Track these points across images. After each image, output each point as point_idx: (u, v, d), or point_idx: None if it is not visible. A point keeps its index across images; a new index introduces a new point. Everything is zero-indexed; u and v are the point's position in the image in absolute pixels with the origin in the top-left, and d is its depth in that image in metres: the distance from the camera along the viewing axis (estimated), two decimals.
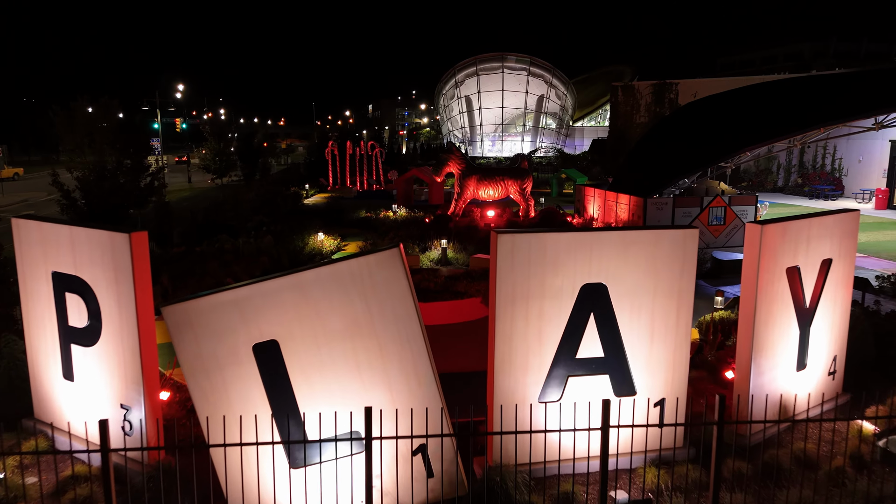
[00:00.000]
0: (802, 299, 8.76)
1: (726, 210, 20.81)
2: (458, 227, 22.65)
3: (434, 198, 32.30)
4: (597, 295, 7.59)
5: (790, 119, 19.69)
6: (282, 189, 34.09)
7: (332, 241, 21.30)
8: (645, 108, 44.70)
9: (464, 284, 13.13)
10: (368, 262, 6.60)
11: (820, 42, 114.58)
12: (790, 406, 8.90)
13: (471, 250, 19.73)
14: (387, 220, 25.49)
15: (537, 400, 7.51)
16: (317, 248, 19.89)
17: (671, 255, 7.70)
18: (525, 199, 24.50)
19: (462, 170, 24.30)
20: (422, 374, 6.77)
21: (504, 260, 7.25)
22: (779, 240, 8.24)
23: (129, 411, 7.69)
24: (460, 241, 20.47)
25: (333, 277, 6.60)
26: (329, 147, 42.63)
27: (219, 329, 6.54)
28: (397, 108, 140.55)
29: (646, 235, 7.67)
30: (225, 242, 16.95)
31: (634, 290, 7.68)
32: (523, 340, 7.40)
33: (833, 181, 35.34)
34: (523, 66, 66.27)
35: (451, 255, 19.14)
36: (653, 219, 21.31)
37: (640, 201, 21.58)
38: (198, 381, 6.61)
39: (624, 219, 22.50)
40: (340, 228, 25.31)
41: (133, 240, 7.27)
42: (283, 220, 25.27)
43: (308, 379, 6.67)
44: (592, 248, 7.49)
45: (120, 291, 7.47)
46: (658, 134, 26.56)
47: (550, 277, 7.43)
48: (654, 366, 7.82)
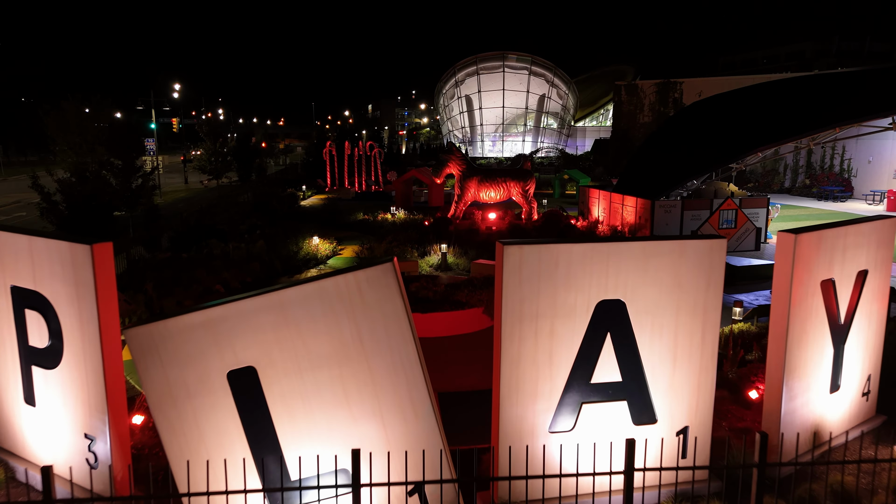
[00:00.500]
0: (837, 314, 7.99)
1: (737, 213, 20.04)
2: (459, 230, 21.88)
3: (434, 200, 31.55)
4: (614, 312, 6.82)
5: (804, 118, 18.92)
6: (278, 190, 33.31)
7: (328, 245, 20.53)
8: (649, 107, 43.92)
9: (465, 293, 12.38)
10: (358, 278, 5.82)
11: (822, 41, 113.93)
12: (824, 432, 8.13)
13: (472, 255, 18.95)
14: (385, 222, 24.73)
15: (548, 430, 6.74)
16: (311, 253, 19.11)
17: (696, 268, 6.93)
18: (528, 202, 23.72)
19: (462, 171, 23.52)
20: (419, 405, 5.99)
21: (511, 274, 6.47)
22: (814, 250, 7.47)
23: (93, 441, 6.91)
24: (461, 245, 19.71)
25: (318, 296, 5.83)
26: (327, 147, 41.86)
27: (189, 354, 5.78)
28: (397, 108, 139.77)
29: (668, 246, 6.89)
30: (214, 248, 16.18)
31: (656, 307, 6.91)
32: (532, 364, 6.63)
33: (842, 182, 34.56)
34: (524, 65, 65.43)
35: (451, 260, 18.36)
36: (661, 222, 20.55)
37: (647, 204, 20.80)
38: (165, 412, 5.84)
39: (630, 222, 21.73)
40: (337, 231, 24.55)
41: (95, 252, 6.50)
42: (277, 222, 24.52)
43: (290, 410, 5.90)
44: (609, 260, 6.71)
45: (82, 309, 6.70)
46: (664, 134, 25.78)
47: (563, 293, 6.65)
48: (677, 390, 7.05)
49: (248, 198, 29.63)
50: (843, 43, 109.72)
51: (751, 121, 20.67)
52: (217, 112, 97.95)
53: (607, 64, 77.40)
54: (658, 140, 25.51)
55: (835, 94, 20.08)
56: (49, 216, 15.00)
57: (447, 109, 71.39)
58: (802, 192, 36.19)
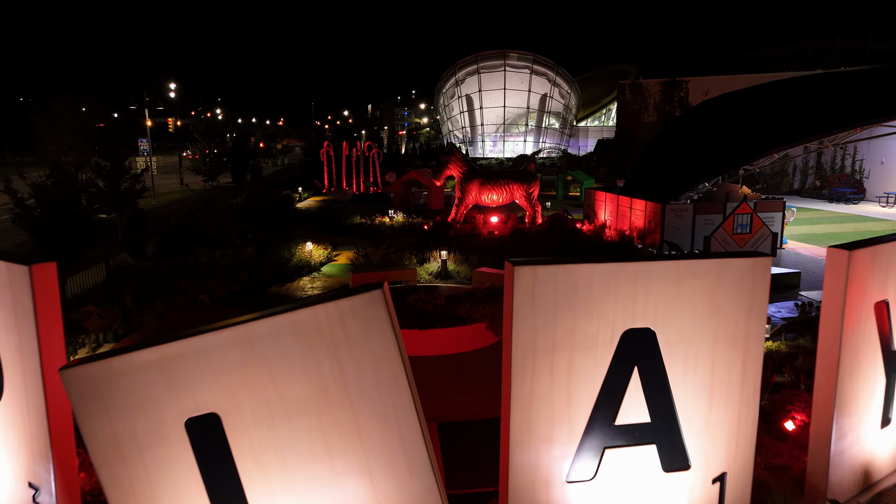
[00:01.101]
0: (890, 340, 7.05)
1: (752, 217, 19.06)
2: (460, 235, 20.92)
3: (433, 202, 30.51)
4: (642, 343, 5.87)
5: (824, 117, 17.97)
6: (272, 192, 32.35)
7: (322, 250, 19.58)
8: (654, 106, 42.94)
9: (467, 307, 11.44)
10: (341, 309, 4.86)
11: (825, 40, 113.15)
12: (874, 472, 7.19)
13: (473, 262, 18.01)
14: (382, 226, 23.76)
15: (564, 479, 5.80)
16: (304, 260, 18.15)
17: (737, 291, 5.97)
18: (532, 205, 22.75)
19: (463, 173, 22.55)
20: (414, 461, 5.04)
21: (523, 300, 5.51)
22: (868, 268, 6.53)
23: (38, 492, 5.96)
24: (461, 251, 18.75)
25: (293, 330, 4.87)
26: (324, 148, 40.90)
27: (139, 400, 4.83)
28: (397, 108, 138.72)
29: (705, 266, 5.93)
30: (200, 255, 15.23)
31: (690, 337, 5.96)
32: (547, 403, 5.68)
33: (854, 184, 33.59)
34: (526, 63, 64.39)
35: (451, 267, 17.40)
36: (671, 227, 19.59)
37: (657, 208, 19.84)
38: (111, 468, 4.90)
39: (639, 226, 20.76)
40: (332, 236, 23.59)
41: (35, 273, 5.55)
42: (271, 226, 23.56)
43: (261, 465, 4.95)
44: (637, 283, 5.75)
45: (22, 339, 5.76)
46: (672, 134, 24.83)
47: (583, 322, 5.70)
48: (714, 432, 6.10)
49: (240, 200, 28.67)
50: (846, 42, 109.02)
51: (766, 120, 19.71)
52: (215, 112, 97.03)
53: (609, 63, 76.42)
54: (666, 140, 24.55)
55: (856, 92, 19.12)
56: (21, 222, 14.05)
57: (447, 109, 70.33)
58: (812, 193, 35.23)
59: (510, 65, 64.30)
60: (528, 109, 65.48)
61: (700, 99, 42.26)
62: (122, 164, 27.24)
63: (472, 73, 65.48)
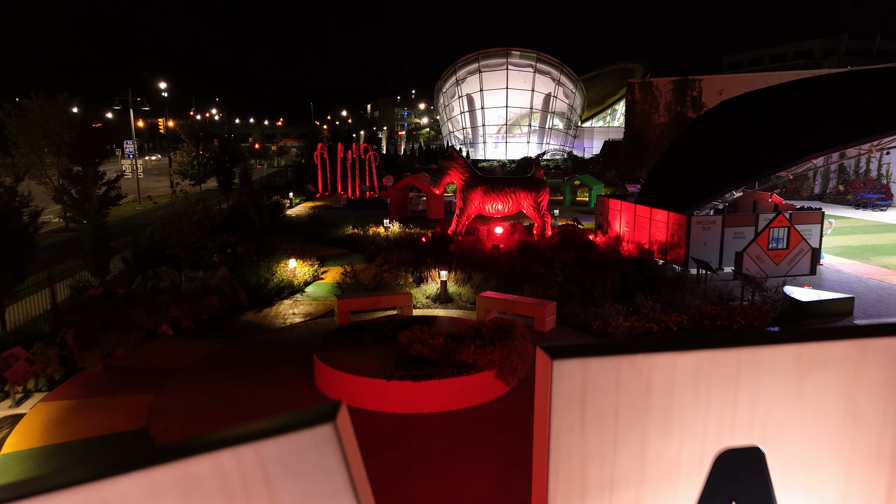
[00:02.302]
0: None
1: (790, 231, 17.05)
2: (461, 249, 18.91)
3: (432, 210, 28.33)
4: (745, 469, 3.77)
5: (873, 117, 15.94)
6: (260, 199, 30.31)
7: (308, 267, 17.57)
8: (665, 106, 40.91)
9: (471, 349, 9.39)
10: (263, 456, 2.76)
11: (832, 39, 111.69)
12: None
13: (476, 281, 16.02)
14: (376, 238, 21.73)
15: None
16: (286, 280, 16.14)
17: (885, 386, 3.88)
18: (541, 216, 20.69)
19: (465, 180, 20.52)
20: None
21: (566, 413, 3.39)
22: None
23: None
24: (463, 268, 16.77)
25: (184, 489, 2.77)
26: (318, 150, 38.92)
27: None
28: (396, 108, 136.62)
29: (840, 351, 3.83)
30: (163, 278, 13.23)
31: (815, 456, 3.84)
32: None
33: (881, 189, 31.55)
34: (529, 62, 62.27)
35: (452, 289, 15.40)
36: (697, 240, 17.57)
37: (681, 220, 17.82)
38: None
39: (661, 239, 18.75)
40: (322, 248, 21.61)
41: None
42: (254, 238, 21.56)
43: None
44: (740, 378, 3.63)
45: None
46: (693, 136, 22.80)
47: (658, 441, 3.58)
48: None
49: (223, 208, 26.67)
50: (853, 41, 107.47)
51: (803, 121, 17.69)
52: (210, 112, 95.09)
53: (614, 61, 74.40)
54: (686, 143, 22.53)
55: None
56: None
57: (447, 109, 68.23)
58: (836, 199, 33.18)
59: (513, 63, 62.20)
60: (532, 109, 63.38)
61: (714, 98, 40.30)
62: (96, 169, 25.26)
63: (474, 72, 63.39)
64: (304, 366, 10.68)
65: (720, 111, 23.43)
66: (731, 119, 21.59)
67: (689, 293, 14.36)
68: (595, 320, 12.99)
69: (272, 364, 11.10)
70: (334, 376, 9.45)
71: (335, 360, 9.79)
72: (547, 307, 12.86)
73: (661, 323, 12.92)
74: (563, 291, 14.73)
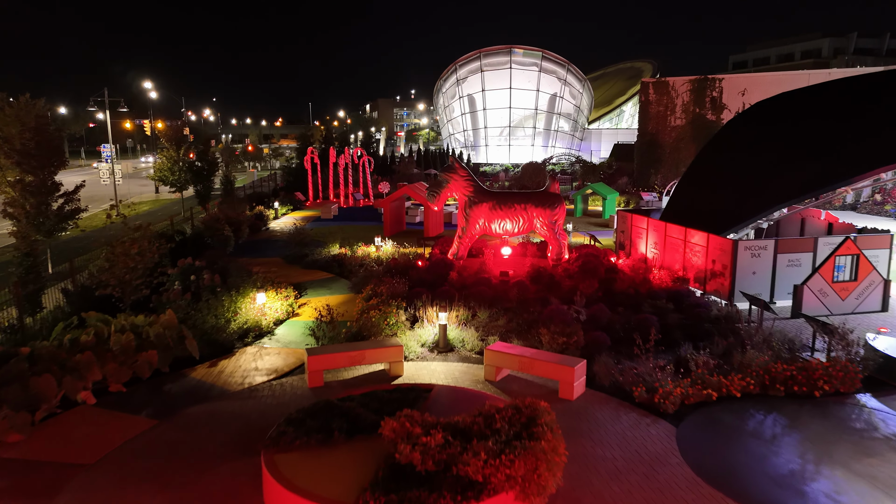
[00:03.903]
0: None
1: (858, 259, 14.21)
2: (463, 277, 16.07)
3: (431, 225, 25.10)
4: None
5: None
6: (242, 210, 27.44)
7: (283, 300, 14.74)
8: (682, 108, 37.99)
9: (481, 459, 6.49)
10: None
11: (840, 38, 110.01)
12: None
13: (482, 319, 13.23)
14: (366, 260, 18.86)
15: None
16: (253, 321, 13.29)
17: None
18: (557, 237, 17.75)
19: (469, 195, 17.61)
20: None
21: None
22: None
23: None
24: (466, 301, 13.95)
25: None
26: (308, 155, 36.04)
27: None
28: (396, 109, 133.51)
29: None
30: (88, 327, 10.38)
31: None
32: None
33: None
34: (534, 60, 59.14)
35: (453, 333, 12.55)
36: (745, 269, 14.73)
37: (725, 244, 14.98)
38: None
39: (698, 266, 15.91)
40: (302, 272, 18.77)
41: None
42: (224, 260, 18.68)
43: None
44: None
45: None
46: (727, 143, 19.94)
47: None
48: None
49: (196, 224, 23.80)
50: (861, 40, 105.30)
51: (861, 126, 14.85)
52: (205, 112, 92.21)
53: (622, 60, 71.38)
54: (720, 151, 19.67)
55: None
56: None
57: (447, 110, 65.11)
58: (872, 209, 30.30)
59: (517, 62, 59.10)
60: (537, 110, 60.24)
61: (736, 99, 37.43)
62: (52, 179, 22.38)
63: (475, 72, 60.32)
64: (255, 463, 7.87)
65: (756, 114, 20.54)
66: (771, 123, 18.73)
67: (748, 341, 11.56)
68: (635, 383, 10.16)
69: (213, 460, 8.25)
70: (288, 501, 6.61)
71: (291, 470, 6.97)
72: (575, 368, 10.03)
73: (721, 388, 10.12)
74: (589, 338, 11.91)
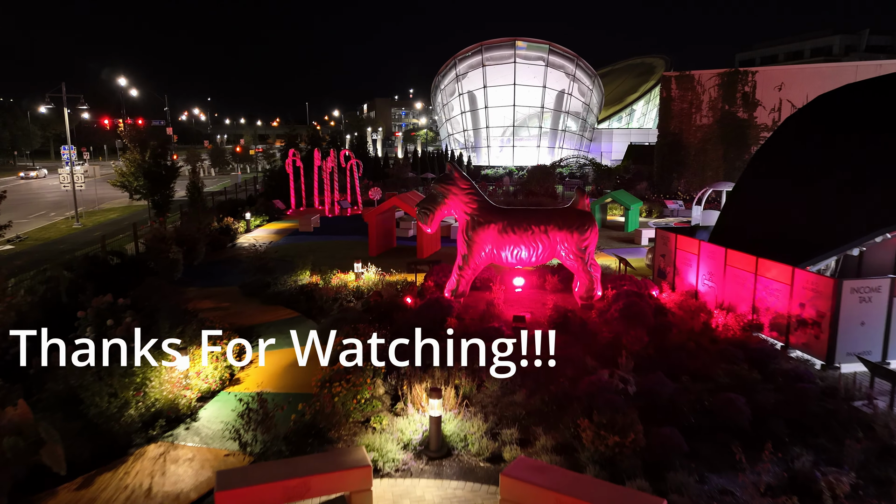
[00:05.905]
0: None
1: None
2: (465, 323, 12.09)
3: (425, 245, 20.80)
4: None
5: None
6: (207, 223, 23.46)
7: (217, 361, 10.71)
8: (709, 104, 34.01)
9: None
10: None
11: (852, 35, 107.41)
12: None
13: (491, 391, 9.30)
14: (341, 294, 14.87)
15: None
16: (165, 401, 9.31)
17: None
18: (587, 269, 13.66)
19: (472, 213, 13.62)
20: None
21: None
22: None
23: None
24: (470, 367, 9.97)
25: None
26: (290, 158, 32.08)
27: None
28: (393, 108, 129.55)
29: None
30: None
31: None
32: None
33: None
34: (540, 54, 55.01)
35: (451, 426, 8.60)
36: (851, 317, 10.82)
37: (820, 283, 11.04)
38: None
39: (775, 310, 11.95)
40: (261, 308, 14.84)
41: None
42: (163, 292, 14.73)
43: None
44: None
45: None
46: (790, 148, 15.95)
47: None
48: None
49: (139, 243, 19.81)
50: (873, 37, 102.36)
51: None
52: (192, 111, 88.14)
53: (632, 56, 67.37)
54: (781, 159, 15.68)
55: None
56: None
57: (446, 109, 60.98)
58: None
59: (521, 56, 54.98)
60: (543, 108, 56.08)
61: (771, 95, 33.45)
62: None
63: (476, 67, 56.20)
64: None
65: (824, 111, 16.53)
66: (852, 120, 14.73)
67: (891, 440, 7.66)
68: None
69: None
70: None
71: None
72: None
73: None
74: (655, 438, 7.98)
